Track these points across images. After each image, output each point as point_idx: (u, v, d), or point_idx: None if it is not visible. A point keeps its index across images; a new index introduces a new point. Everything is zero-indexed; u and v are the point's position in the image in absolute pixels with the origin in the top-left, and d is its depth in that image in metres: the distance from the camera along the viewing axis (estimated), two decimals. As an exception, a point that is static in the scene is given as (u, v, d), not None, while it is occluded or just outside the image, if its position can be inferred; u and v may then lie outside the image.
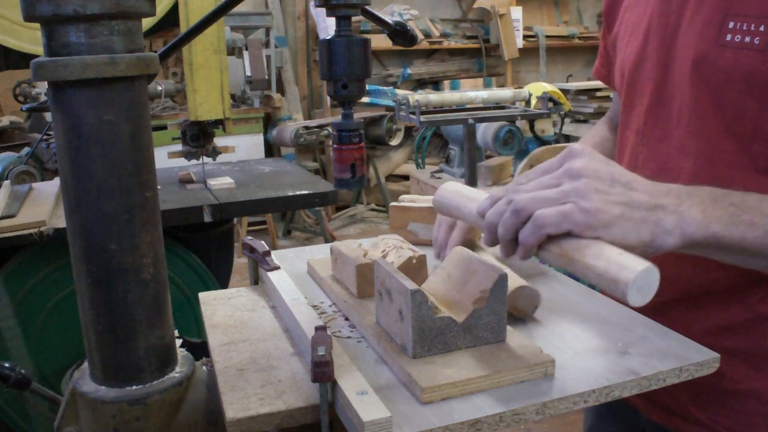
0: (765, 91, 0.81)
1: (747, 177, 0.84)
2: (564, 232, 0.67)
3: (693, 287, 0.92)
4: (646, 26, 0.95)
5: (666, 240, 0.69)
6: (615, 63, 1.09)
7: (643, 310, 0.93)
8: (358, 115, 1.07)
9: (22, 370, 1.15)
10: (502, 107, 3.88)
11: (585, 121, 4.54)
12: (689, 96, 0.88)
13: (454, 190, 0.87)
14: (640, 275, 0.61)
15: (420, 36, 6.38)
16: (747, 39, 0.81)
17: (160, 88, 3.09)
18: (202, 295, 1.04)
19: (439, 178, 4.27)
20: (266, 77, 5.13)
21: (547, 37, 7.04)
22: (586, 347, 0.80)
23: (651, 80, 0.94)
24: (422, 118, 3.52)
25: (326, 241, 4.82)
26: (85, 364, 0.81)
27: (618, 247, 0.66)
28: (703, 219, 0.70)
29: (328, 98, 4.70)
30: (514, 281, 0.86)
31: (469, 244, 1.02)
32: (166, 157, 2.47)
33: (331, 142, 2.01)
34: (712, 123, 0.86)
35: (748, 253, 0.72)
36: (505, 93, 4.00)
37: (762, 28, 0.80)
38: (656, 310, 0.91)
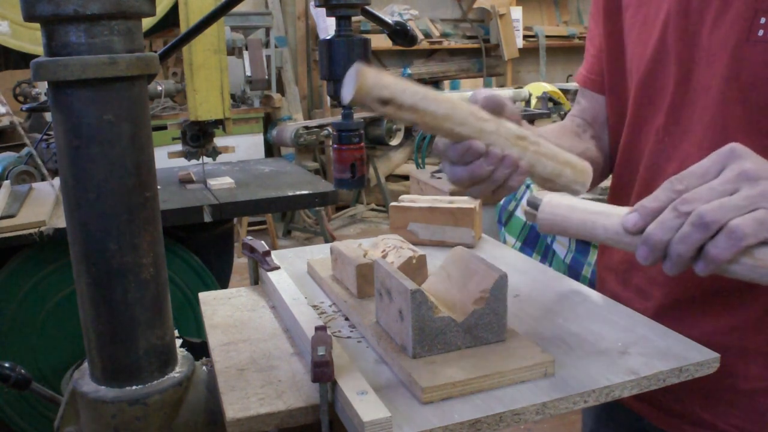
0: None
1: None
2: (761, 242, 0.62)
3: (705, 286, 0.90)
4: (663, 22, 0.93)
5: None
6: (608, 64, 1.06)
7: (654, 310, 0.93)
8: (358, 115, 1.07)
9: (23, 370, 1.15)
10: (502, 107, 3.88)
11: (585, 121, 4.54)
12: (715, 93, 0.87)
13: (566, 204, 0.80)
14: None
15: (420, 36, 6.38)
16: None
17: (160, 88, 3.09)
18: (202, 295, 1.04)
19: (439, 178, 4.27)
20: (266, 77, 5.13)
21: (547, 37, 7.04)
22: (586, 347, 0.80)
23: (672, 78, 0.92)
24: (422, 118, 3.52)
25: (326, 241, 4.83)
26: (85, 364, 0.81)
27: None
28: None
29: (328, 98, 4.70)
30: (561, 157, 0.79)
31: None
32: (166, 157, 2.47)
33: (331, 142, 2.01)
34: (737, 120, 0.85)
35: None
36: (505, 93, 4.00)
37: None
38: (669, 309, 0.91)
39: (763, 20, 0.81)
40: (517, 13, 6.78)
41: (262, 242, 1.08)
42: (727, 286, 0.88)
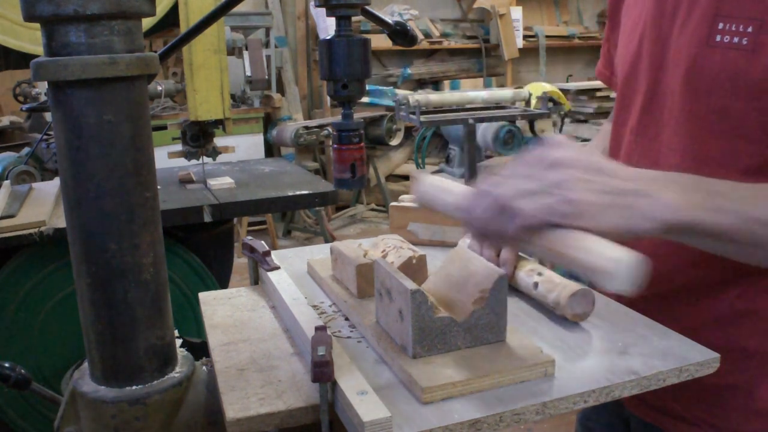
0: (752, 92, 0.82)
1: (732, 176, 0.85)
2: (549, 224, 0.67)
3: (671, 284, 0.94)
4: (641, 28, 0.97)
5: (643, 224, 0.69)
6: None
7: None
8: (358, 115, 1.07)
9: (23, 370, 1.15)
10: (502, 107, 3.88)
11: (585, 121, 4.54)
12: (679, 95, 0.90)
13: (432, 183, 0.85)
14: (624, 266, 0.62)
15: (420, 36, 6.37)
16: (735, 39, 0.82)
17: (160, 88, 3.09)
18: (202, 295, 1.04)
19: (439, 178, 4.27)
20: (266, 77, 5.12)
21: (547, 37, 7.03)
22: (586, 347, 0.80)
23: (645, 80, 0.96)
24: (422, 118, 3.52)
25: (326, 241, 4.82)
26: (85, 364, 0.81)
27: (600, 234, 0.66)
28: (678, 204, 0.69)
29: (328, 98, 4.70)
30: (570, 287, 0.86)
31: None
32: (166, 157, 2.47)
33: (331, 142, 2.01)
34: (700, 122, 0.88)
35: (722, 238, 0.73)
36: (505, 93, 3.99)
37: (750, 29, 0.81)
38: (636, 308, 0.93)
39: (721, 25, 0.84)
40: (517, 13, 6.78)
41: (262, 242, 1.08)
42: (689, 286, 0.93)
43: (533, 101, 3.89)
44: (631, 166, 0.97)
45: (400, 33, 0.99)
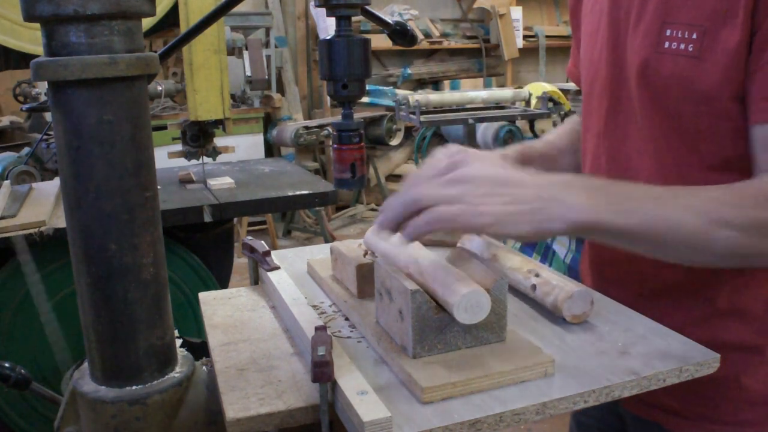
0: (701, 98, 0.84)
1: (698, 174, 0.88)
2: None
3: (653, 285, 0.96)
4: (600, 34, 0.99)
5: (552, 226, 0.73)
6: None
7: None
8: (358, 115, 1.07)
9: (23, 370, 1.15)
10: (502, 107, 3.89)
11: (585, 121, 4.53)
12: (638, 100, 0.92)
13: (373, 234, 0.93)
14: (463, 298, 0.70)
15: (420, 36, 6.37)
16: (682, 46, 0.84)
17: (160, 88, 3.09)
18: (202, 295, 1.04)
19: (439, 178, 4.27)
20: (266, 77, 5.12)
21: (547, 37, 7.04)
22: (586, 347, 0.80)
23: (607, 85, 0.98)
24: (422, 118, 3.53)
25: (326, 241, 4.82)
26: (85, 364, 0.81)
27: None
28: (584, 205, 0.74)
29: (328, 98, 4.69)
30: (566, 290, 0.86)
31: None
32: (166, 157, 2.47)
33: (331, 142, 2.01)
34: (660, 124, 0.90)
35: (629, 237, 0.76)
36: (505, 93, 4.00)
37: (695, 36, 0.83)
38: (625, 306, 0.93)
39: (669, 32, 0.85)
40: (517, 13, 6.78)
41: (262, 242, 1.08)
42: (673, 286, 0.95)
43: (533, 101, 3.89)
44: (599, 169, 1.01)
45: (400, 33, 0.99)
